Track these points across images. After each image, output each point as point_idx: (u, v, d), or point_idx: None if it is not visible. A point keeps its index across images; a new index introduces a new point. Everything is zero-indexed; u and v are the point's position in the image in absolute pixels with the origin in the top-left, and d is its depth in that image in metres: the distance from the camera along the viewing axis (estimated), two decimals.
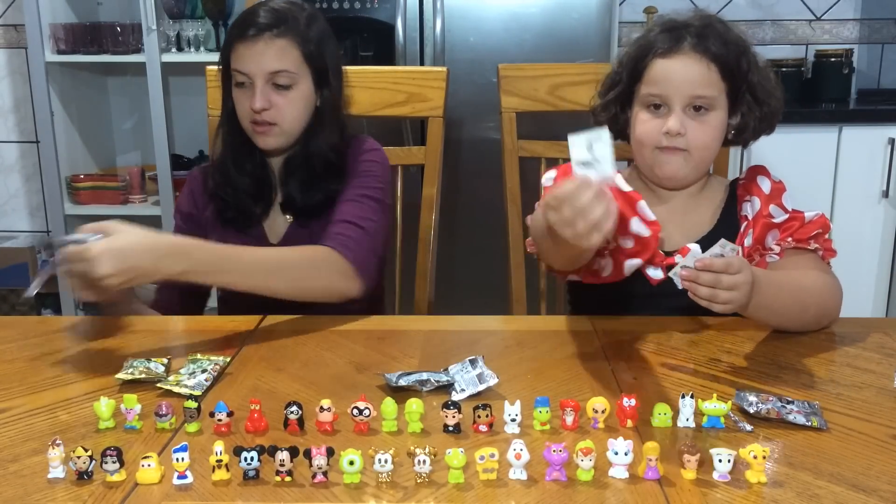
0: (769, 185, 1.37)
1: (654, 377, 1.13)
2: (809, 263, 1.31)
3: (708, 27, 1.30)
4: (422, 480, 0.86)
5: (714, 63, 1.29)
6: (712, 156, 1.36)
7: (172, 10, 2.99)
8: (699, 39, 1.29)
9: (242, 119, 1.51)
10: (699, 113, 1.30)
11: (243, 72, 1.47)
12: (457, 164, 2.64)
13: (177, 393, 1.07)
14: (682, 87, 1.29)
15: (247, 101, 1.47)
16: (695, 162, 1.33)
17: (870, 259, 2.93)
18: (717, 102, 1.31)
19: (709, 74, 1.29)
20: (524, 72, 1.77)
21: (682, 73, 1.29)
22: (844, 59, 3.16)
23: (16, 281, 3.29)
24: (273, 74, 1.46)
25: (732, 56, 1.30)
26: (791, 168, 2.85)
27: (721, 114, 1.32)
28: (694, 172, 1.36)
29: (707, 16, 1.34)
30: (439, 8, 2.64)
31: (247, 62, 1.46)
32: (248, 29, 1.45)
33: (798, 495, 0.84)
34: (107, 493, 0.86)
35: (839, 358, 1.20)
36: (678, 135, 1.30)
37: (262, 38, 1.45)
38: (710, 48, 1.29)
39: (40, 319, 1.73)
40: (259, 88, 1.45)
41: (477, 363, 1.09)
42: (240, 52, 1.46)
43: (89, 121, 3.22)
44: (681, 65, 1.29)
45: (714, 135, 1.32)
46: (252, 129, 1.49)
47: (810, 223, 1.33)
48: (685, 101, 1.29)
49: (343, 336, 1.30)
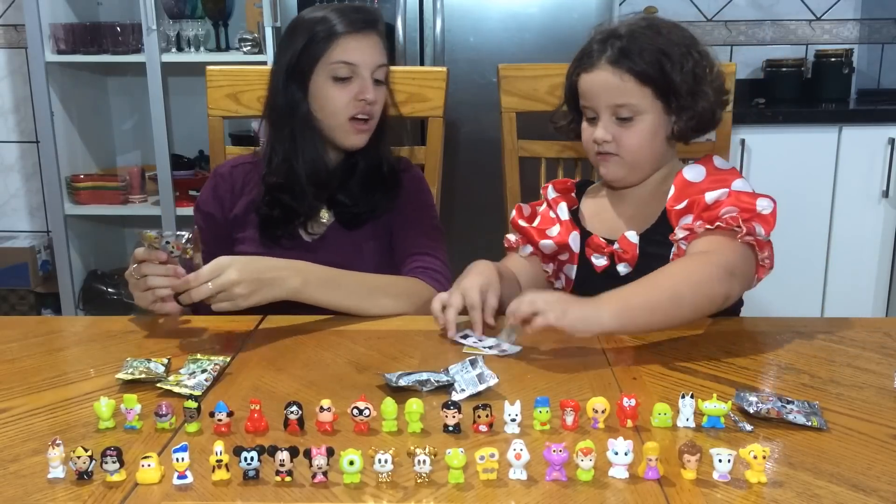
0: (702, 173, 1.35)
1: (654, 377, 1.13)
2: (703, 244, 1.28)
3: (632, 36, 1.33)
4: (422, 480, 0.86)
5: (628, 73, 1.33)
6: (651, 155, 1.38)
7: (172, 10, 2.99)
8: (615, 52, 1.33)
9: (338, 115, 1.49)
10: (625, 120, 1.35)
11: (353, 62, 1.47)
12: (457, 164, 2.64)
13: (177, 393, 1.07)
14: (602, 97, 1.36)
15: (347, 95, 1.48)
16: (629, 164, 1.38)
17: (870, 259, 2.93)
18: (642, 107, 1.34)
19: (623, 84, 1.33)
20: (524, 72, 1.77)
21: (599, 85, 1.36)
22: (844, 59, 3.16)
23: (16, 281, 3.29)
24: (377, 69, 1.50)
25: (650, 63, 1.32)
26: (791, 168, 2.88)
27: (650, 117, 1.35)
28: (634, 174, 1.40)
29: (639, 20, 1.37)
30: (439, 8, 2.64)
31: (358, 53, 1.47)
32: (354, 23, 1.47)
33: (798, 495, 0.84)
34: (107, 493, 0.86)
35: (839, 358, 1.20)
36: (605, 142, 1.36)
37: (372, 32, 1.49)
38: (624, 60, 1.33)
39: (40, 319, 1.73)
40: (369, 80, 1.48)
41: (477, 363, 1.09)
42: (350, 44, 1.47)
43: (89, 121, 3.22)
44: (598, 78, 1.36)
45: (643, 138, 1.36)
46: (350, 126, 1.49)
47: (715, 203, 1.29)
48: (608, 110, 1.36)
49: (343, 336, 1.30)
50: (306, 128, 1.51)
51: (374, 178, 1.55)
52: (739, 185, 1.32)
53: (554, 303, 1.16)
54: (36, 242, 3.36)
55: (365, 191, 1.54)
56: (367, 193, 1.54)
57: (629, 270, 1.38)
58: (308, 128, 1.52)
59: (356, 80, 1.48)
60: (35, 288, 3.30)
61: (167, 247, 1.29)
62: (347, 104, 1.48)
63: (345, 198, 1.54)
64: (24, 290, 3.30)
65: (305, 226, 1.54)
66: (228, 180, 1.59)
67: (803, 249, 2.91)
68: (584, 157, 1.75)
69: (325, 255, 1.49)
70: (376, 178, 1.55)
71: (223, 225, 1.57)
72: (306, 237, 1.55)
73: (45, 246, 3.36)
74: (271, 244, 1.52)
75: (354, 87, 1.48)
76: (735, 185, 1.32)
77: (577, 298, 1.20)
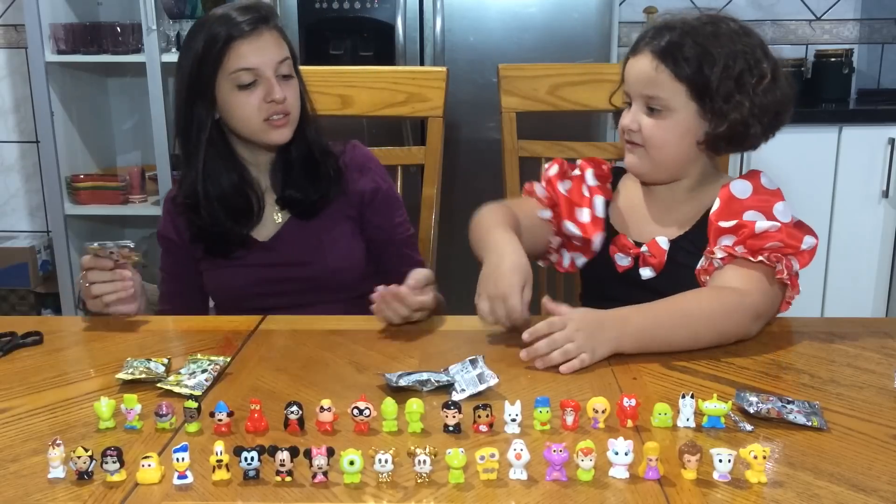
0: (749, 190, 1.30)
1: (654, 377, 1.13)
2: (736, 277, 1.24)
3: (685, 30, 1.30)
4: (422, 480, 0.86)
5: (663, 65, 1.29)
6: (675, 155, 1.34)
7: (172, 10, 2.99)
8: (662, 42, 1.30)
9: (252, 120, 1.45)
10: (654, 112, 1.32)
11: (251, 68, 1.43)
12: (457, 164, 2.64)
13: (177, 393, 1.07)
14: (635, 84, 1.33)
15: (255, 100, 1.44)
16: (653, 159, 1.34)
17: (870, 259, 2.93)
18: (673, 104, 1.30)
19: (657, 76, 1.30)
20: (524, 72, 1.77)
21: (636, 72, 1.33)
22: (844, 59, 3.16)
23: (16, 281, 3.29)
24: (279, 64, 1.46)
25: (689, 60, 1.28)
26: (791, 168, 2.87)
27: (681, 116, 1.30)
28: (656, 170, 1.37)
29: (701, 17, 1.33)
30: (439, 8, 2.64)
31: (253, 57, 1.43)
32: (241, 27, 1.43)
33: (798, 495, 0.84)
34: (107, 493, 0.86)
35: (839, 358, 1.20)
36: (631, 130, 1.34)
37: (264, 30, 1.44)
38: (665, 51, 1.29)
39: (40, 319, 1.73)
40: (273, 79, 1.44)
41: (477, 363, 1.09)
42: (243, 50, 1.43)
43: (89, 121, 3.22)
44: (637, 64, 1.33)
45: (669, 135, 1.32)
46: (268, 127, 1.46)
47: (763, 235, 1.24)
48: (640, 99, 1.33)
49: (343, 336, 1.30)
50: (220, 144, 1.49)
51: (312, 166, 1.53)
52: (781, 209, 1.28)
53: (584, 343, 1.15)
54: (36, 242, 3.36)
55: (314, 179, 1.53)
56: (312, 183, 1.52)
57: (653, 275, 1.35)
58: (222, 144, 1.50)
59: (261, 82, 1.44)
60: (35, 288, 3.30)
61: (112, 256, 1.35)
62: (258, 109, 1.45)
63: (293, 192, 1.52)
64: (24, 290, 3.30)
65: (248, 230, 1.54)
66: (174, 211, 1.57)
67: None
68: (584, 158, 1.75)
69: (284, 251, 1.51)
70: (314, 166, 1.53)
71: (183, 249, 1.57)
72: (261, 238, 1.54)
73: (45, 246, 3.36)
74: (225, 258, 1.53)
75: (261, 90, 1.44)
76: (777, 208, 1.28)
77: (599, 325, 1.17)
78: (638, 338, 1.19)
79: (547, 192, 1.46)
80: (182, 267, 1.59)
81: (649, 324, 1.20)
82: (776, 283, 1.25)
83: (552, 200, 1.45)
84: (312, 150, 1.53)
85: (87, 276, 1.36)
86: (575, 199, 1.44)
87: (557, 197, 1.44)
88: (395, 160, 1.78)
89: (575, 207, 1.43)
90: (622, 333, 1.18)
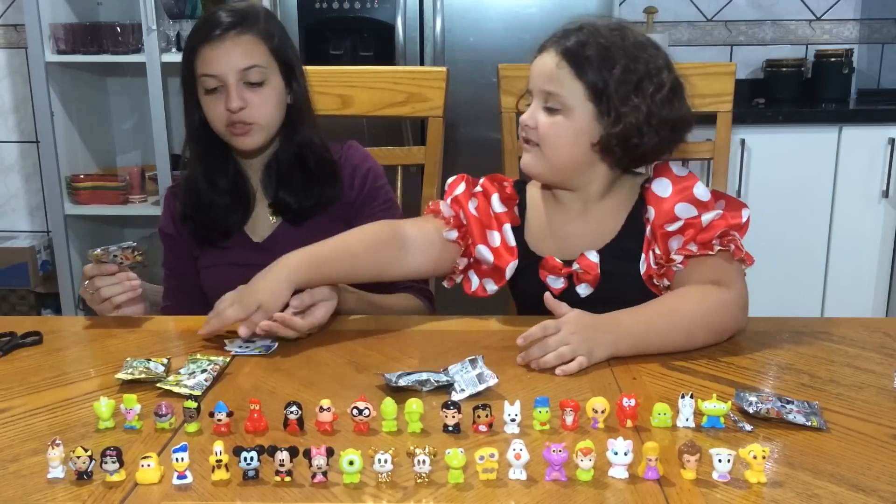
0: (668, 186, 1.30)
1: (654, 377, 1.13)
2: (707, 271, 1.25)
3: (590, 30, 1.30)
4: (422, 480, 0.86)
5: (564, 61, 1.28)
6: (569, 156, 1.31)
7: (172, 10, 2.99)
8: (566, 41, 1.30)
9: (217, 126, 1.48)
10: (552, 111, 1.30)
11: (214, 74, 1.44)
12: (457, 164, 2.64)
13: (177, 393, 1.07)
14: (537, 79, 1.32)
15: (220, 106, 1.45)
16: (547, 158, 1.31)
17: (870, 259, 2.93)
18: (570, 103, 1.28)
19: (556, 72, 1.28)
20: (524, 72, 1.76)
21: (539, 68, 1.32)
22: (844, 59, 3.16)
23: (16, 281, 3.29)
24: (244, 72, 1.44)
25: (591, 59, 1.27)
26: (791, 168, 2.88)
27: (578, 115, 1.28)
28: (550, 170, 1.34)
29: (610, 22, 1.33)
30: (439, 8, 2.64)
31: (216, 63, 1.43)
32: (211, 31, 1.44)
33: (798, 495, 0.84)
34: (106, 493, 0.86)
35: (839, 358, 1.20)
36: (528, 127, 1.32)
37: (227, 37, 1.43)
38: (567, 49, 1.29)
39: (40, 319, 1.73)
40: (233, 87, 1.43)
41: (477, 363, 1.09)
42: (207, 56, 1.44)
43: (89, 121, 3.22)
44: (540, 61, 1.32)
45: (563, 133, 1.29)
46: (229, 133, 1.47)
47: (710, 226, 1.26)
48: (540, 95, 1.31)
49: (343, 336, 1.30)
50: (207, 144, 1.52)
51: (303, 171, 1.52)
52: (701, 190, 1.28)
53: (579, 346, 1.15)
54: (36, 242, 3.36)
55: (305, 185, 1.52)
56: (308, 187, 1.53)
57: (590, 291, 1.33)
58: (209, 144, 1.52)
59: (223, 89, 1.45)
60: (35, 288, 3.30)
61: (115, 259, 1.35)
62: (221, 115, 1.46)
63: (284, 198, 1.53)
64: (24, 290, 3.30)
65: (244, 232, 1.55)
66: (173, 202, 1.59)
67: (803, 249, 2.91)
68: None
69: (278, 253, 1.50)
70: (306, 172, 1.53)
71: (183, 244, 1.58)
72: (256, 238, 1.55)
73: (45, 246, 3.36)
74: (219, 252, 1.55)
75: (223, 97, 1.45)
76: (697, 191, 1.28)
77: (594, 327, 1.17)
78: (634, 341, 1.18)
79: (454, 211, 1.39)
80: (183, 262, 1.60)
81: (643, 326, 1.20)
82: (738, 264, 1.27)
83: (459, 220, 1.38)
84: (303, 155, 1.53)
85: (93, 284, 1.36)
86: (485, 220, 1.37)
87: (467, 217, 1.38)
88: (395, 160, 1.78)
89: (486, 230, 1.37)
90: (618, 336, 1.18)
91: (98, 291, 1.36)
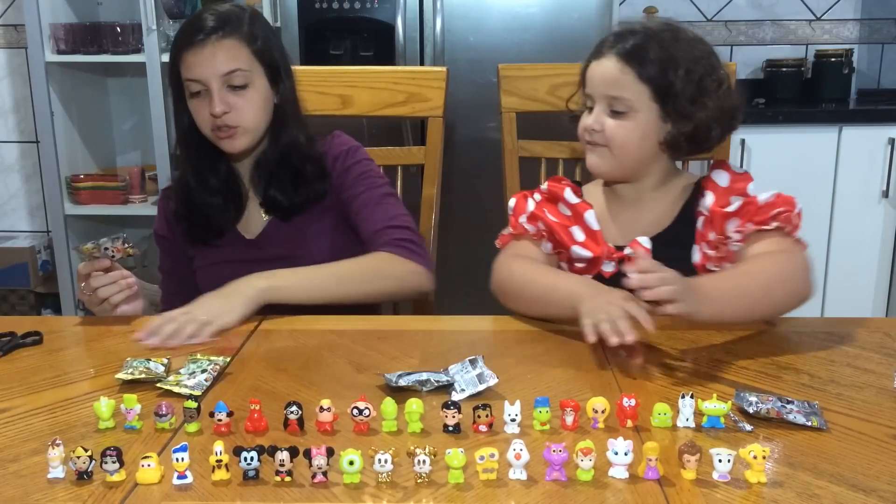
0: (727, 178, 1.38)
1: (654, 377, 1.13)
2: (770, 244, 1.30)
3: (647, 34, 1.34)
4: (422, 480, 0.86)
5: (629, 66, 1.33)
6: (637, 155, 1.37)
7: (172, 10, 2.99)
8: (625, 45, 1.34)
9: (204, 128, 1.48)
10: (618, 113, 1.35)
11: (197, 79, 1.44)
12: (457, 164, 2.64)
13: (177, 393, 1.07)
14: (599, 86, 1.36)
15: (205, 110, 1.45)
16: (617, 159, 1.37)
17: (870, 259, 2.93)
18: (637, 105, 1.34)
19: (622, 77, 1.33)
20: (524, 72, 1.77)
21: (600, 74, 1.36)
22: (844, 59, 3.16)
23: (16, 281, 3.29)
24: (227, 76, 1.44)
25: (654, 62, 1.32)
26: (791, 168, 2.87)
27: (643, 116, 1.34)
28: (619, 169, 1.40)
29: (661, 24, 1.37)
30: (439, 8, 2.64)
31: (199, 68, 1.44)
32: (194, 35, 1.44)
33: (798, 495, 0.84)
34: (107, 493, 0.86)
35: (839, 358, 1.20)
36: (594, 130, 1.37)
37: (209, 42, 1.43)
38: (630, 53, 1.33)
39: (40, 319, 1.73)
40: (216, 92, 1.43)
41: (477, 363, 1.09)
42: (190, 61, 1.44)
43: (89, 121, 3.22)
44: (601, 67, 1.36)
45: (633, 136, 1.35)
46: (215, 136, 1.48)
47: (767, 204, 1.32)
48: (604, 100, 1.36)
49: (343, 336, 1.30)
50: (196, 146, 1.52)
51: (290, 171, 1.53)
52: (752, 188, 1.35)
53: (684, 293, 1.13)
54: (36, 242, 3.36)
55: (294, 184, 1.53)
56: (298, 185, 1.53)
57: None
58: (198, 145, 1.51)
59: (207, 93, 1.45)
60: (35, 288, 3.30)
61: (108, 253, 1.36)
62: (207, 119, 1.46)
63: (275, 196, 1.53)
64: (24, 290, 3.30)
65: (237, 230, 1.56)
66: (167, 203, 1.60)
67: None
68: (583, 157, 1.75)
69: (269, 250, 1.52)
70: (292, 171, 1.53)
71: (178, 246, 1.59)
72: (249, 236, 1.56)
73: (45, 246, 3.36)
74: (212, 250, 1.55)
75: (207, 101, 1.45)
76: (749, 189, 1.35)
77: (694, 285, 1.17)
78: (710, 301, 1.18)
79: (535, 227, 1.44)
80: (178, 263, 1.61)
81: (717, 286, 1.22)
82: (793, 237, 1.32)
83: (545, 232, 1.43)
84: (289, 155, 1.53)
85: (89, 284, 1.37)
86: (564, 221, 1.43)
87: (549, 226, 1.42)
88: (395, 160, 1.78)
89: (569, 229, 1.42)
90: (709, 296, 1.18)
91: (95, 293, 1.37)
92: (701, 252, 1.36)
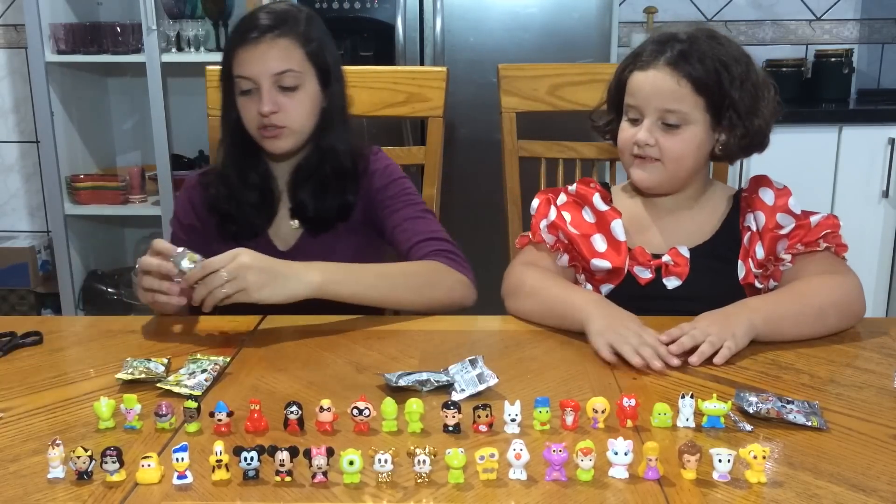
0: (772, 195, 1.38)
1: (654, 377, 1.13)
2: (821, 264, 1.32)
3: (693, 42, 1.32)
4: (422, 480, 0.86)
5: (686, 79, 1.31)
6: (691, 167, 1.37)
7: (172, 10, 2.99)
8: (675, 54, 1.32)
9: (250, 126, 1.48)
10: (671, 126, 1.33)
11: (248, 76, 1.44)
12: (457, 164, 2.64)
13: (177, 393, 1.07)
14: (652, 99, 1.33)
15: (254, 108, 1.45)
16: (669, 172, 1.36)
17: (870, 259, 2.93)
18: (691, 117, 1.32)
19: (679, 90, 1.31)
20: (524, 72, 1.77)
21: (652, 86, 1.33)
22: (844, 59, 3.16)
23: (16, 281, 3.29)
24: (278, 76, 1.44)
25: (710, 73, 1.30)
26: (791, 168, 2.86)
27: (697, 128, 1.33)
28: (669, 182, 1.38)
29: (699, 30, 1.35)
30: (439, 8, 2.64)
31: (251, 66, 1.44)
32: (249, 33, 1.44)
33: (798, 495, 0.84)
34: (107, 493, 0.86)
35: (839, 358, 1.20)
36: (647, 145, 1.34)
37: (264, 40, 1.43)
38: (683, 64, 1.31)
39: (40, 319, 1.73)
40: (266, 91, 1.43)
41: (477, 363, 1.09)
42: (242, 58, 1.44)
43: (89, 121, 3.22)
44: (652, 78, 1.33)
45: (688, 148, 1.34)
46: (261, 135, 1.47)
47: (817, 226, 1.34)
48: (656, 113, 1.33)
49: (343, 336, 1.30)
50: (240, 142, 1.51)
51: (330, 175, 1.52)
52: (793, 202, 1.36)
53: (722, 332, 1.17)
54: (36, 242, 3.36)
55: (323, 191, 1.52)
56: (326, 193, 1.52)
57: (678, 284, 1.36)
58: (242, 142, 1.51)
59: (257, 91, 1.45)
60: (35, 288, 3.30)
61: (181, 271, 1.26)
62: (254, 117, 1.46)
63: (304, 201, 1.52)
64: (24, 290, 3.30)
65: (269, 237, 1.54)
66: (200, 191, 1.58)
67: None
68: (584, 158, 1.75)
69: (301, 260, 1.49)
70: (333, 176, 1.52)
71: (204, 236, 1.57)
72: (281, 247, 1.54)
73: (45, 246, 3.36)
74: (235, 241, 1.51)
75: (257, 99, 1.45)
76: (790, 203, 1.36)
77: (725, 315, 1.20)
78: (765, 317, 1.22)
79: (555, 237, 1.42)
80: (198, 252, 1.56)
81: (772, 305, 1.25)
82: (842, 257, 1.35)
83: (563, 244, 1.41)
84: (324, 163, 1.52)
85: (149, 282, 1.30)
86: (585, 230, 1.40)
87: (569, 237, 1.40)
88: (395, 160, 1.77)
89: (589, 239, 1.39)
90: (751, 315, 1.21)
91: (150, 293, 1.30)
92: (746, 268, 1.36)
